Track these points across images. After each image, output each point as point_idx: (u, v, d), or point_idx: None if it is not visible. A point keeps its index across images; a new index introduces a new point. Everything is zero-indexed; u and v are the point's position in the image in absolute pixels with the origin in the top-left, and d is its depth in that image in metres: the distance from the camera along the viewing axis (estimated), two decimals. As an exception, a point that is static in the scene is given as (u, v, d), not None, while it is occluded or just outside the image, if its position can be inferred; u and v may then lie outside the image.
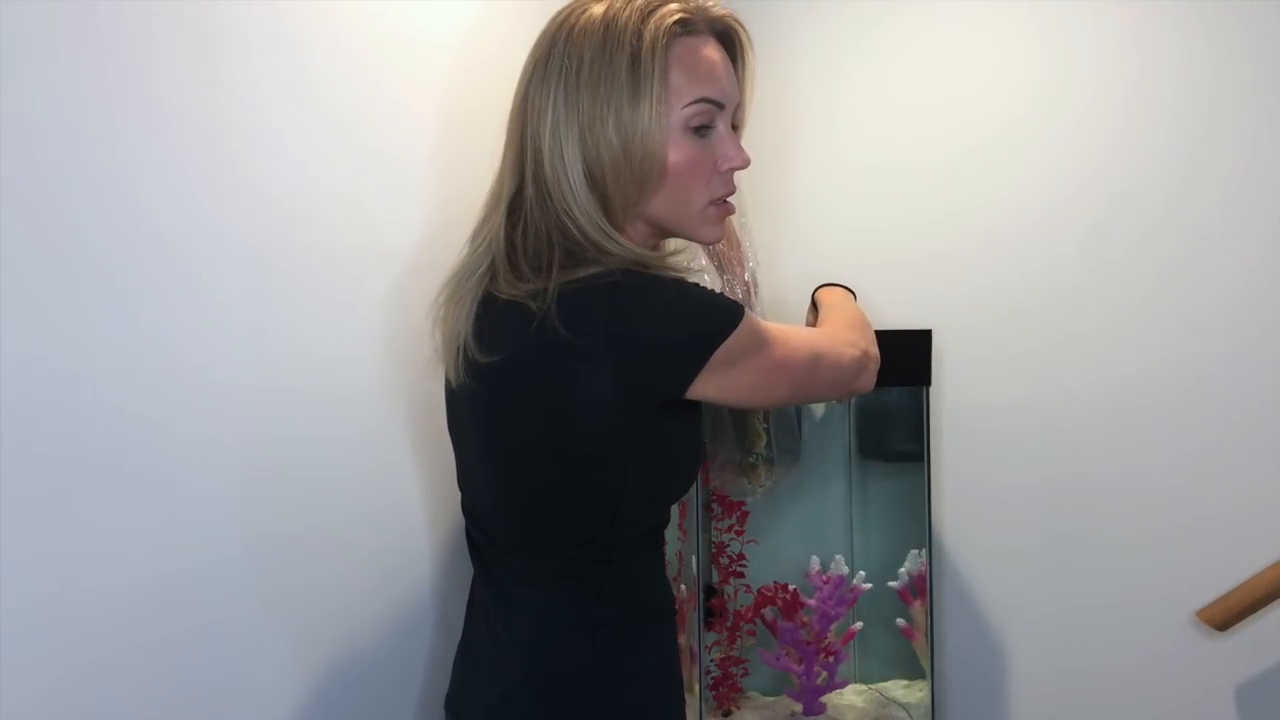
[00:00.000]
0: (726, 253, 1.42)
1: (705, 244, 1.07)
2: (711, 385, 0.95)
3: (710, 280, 1.39)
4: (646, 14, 0.96)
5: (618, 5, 0.97)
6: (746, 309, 0.97)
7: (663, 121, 0.95)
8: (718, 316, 0.95)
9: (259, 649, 1.03)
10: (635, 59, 0.94)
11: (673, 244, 1.10)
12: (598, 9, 0.97)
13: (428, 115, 1.27)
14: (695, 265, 1.23)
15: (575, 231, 0.95)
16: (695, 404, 1.01)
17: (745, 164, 1.02)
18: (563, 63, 0.96)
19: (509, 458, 1.00)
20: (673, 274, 0.97)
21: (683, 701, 1.11)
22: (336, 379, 1.13)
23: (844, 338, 1.14)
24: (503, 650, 1.03)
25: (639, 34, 0.95)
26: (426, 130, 1.27)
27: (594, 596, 1.02)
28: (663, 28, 0.95)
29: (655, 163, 0.96)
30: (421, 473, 1.26)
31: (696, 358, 0.94)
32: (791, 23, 1.69)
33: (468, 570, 1.12)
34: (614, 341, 0.91)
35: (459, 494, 1.11)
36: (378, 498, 1.21)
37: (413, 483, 1.25)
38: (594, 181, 0.95)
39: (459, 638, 1.12)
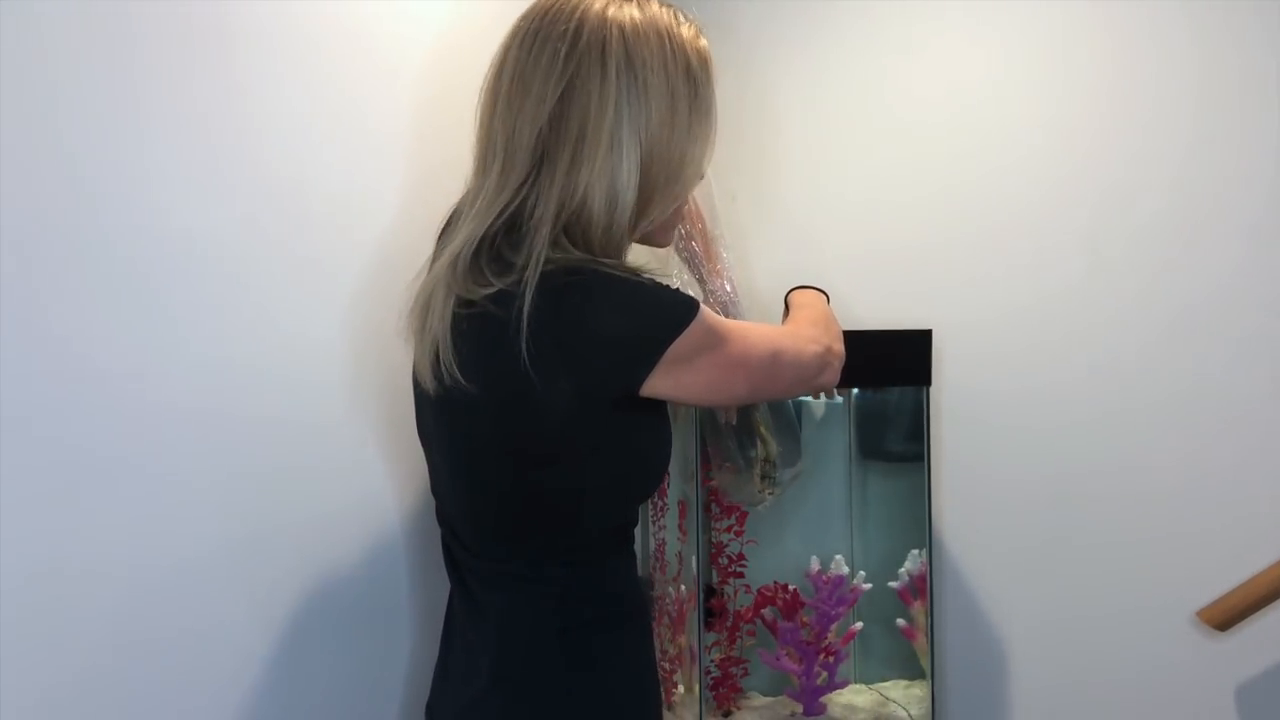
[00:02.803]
0: (706, 265, 1.42)
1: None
2: (667, 382, 0.95)
3: (694, 292, 1.40)
4: (696, 43, 1.00)
5: (668, 18, 0.99)
6: (703, 305, 0.97)
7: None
8: (671, 313, 0.95)
9: (238, 656, 1.03)
10: (699, 91, 1.00)
11: (657, 253, 1.11)
12: (637, 12, 0.97)
13: (411, 109, 1.28)
14: (672, 271, 1.25)
15: (585, 230, 0.95)
16: (659, 402, 1.00)
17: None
18: (620, 64, 0.95)
19: (471, 459, 1.00)
20: (628, 271, 0.96)
21: (659, 703, 1.10)
22: (320, 378, 1.13)
23: (806, 334, 1.14)
24: (474, 654, 1.03)
25: (702, 63, 1.01)
26: (409, 122, 1.27)
27: (561, 598, 1.02)
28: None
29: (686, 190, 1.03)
30: (401, 477, 1.26)
31: (649, 355, 0.94)
32: (784, 16, 1.69)
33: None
34: (567, 341, 0.91)
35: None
36: (360, 502, 1.20)
37: (391, 487, 1.25)
38: (640, 192, 0.97)
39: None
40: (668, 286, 0.97)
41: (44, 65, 0.82)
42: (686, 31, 0.99)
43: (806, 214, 1.70)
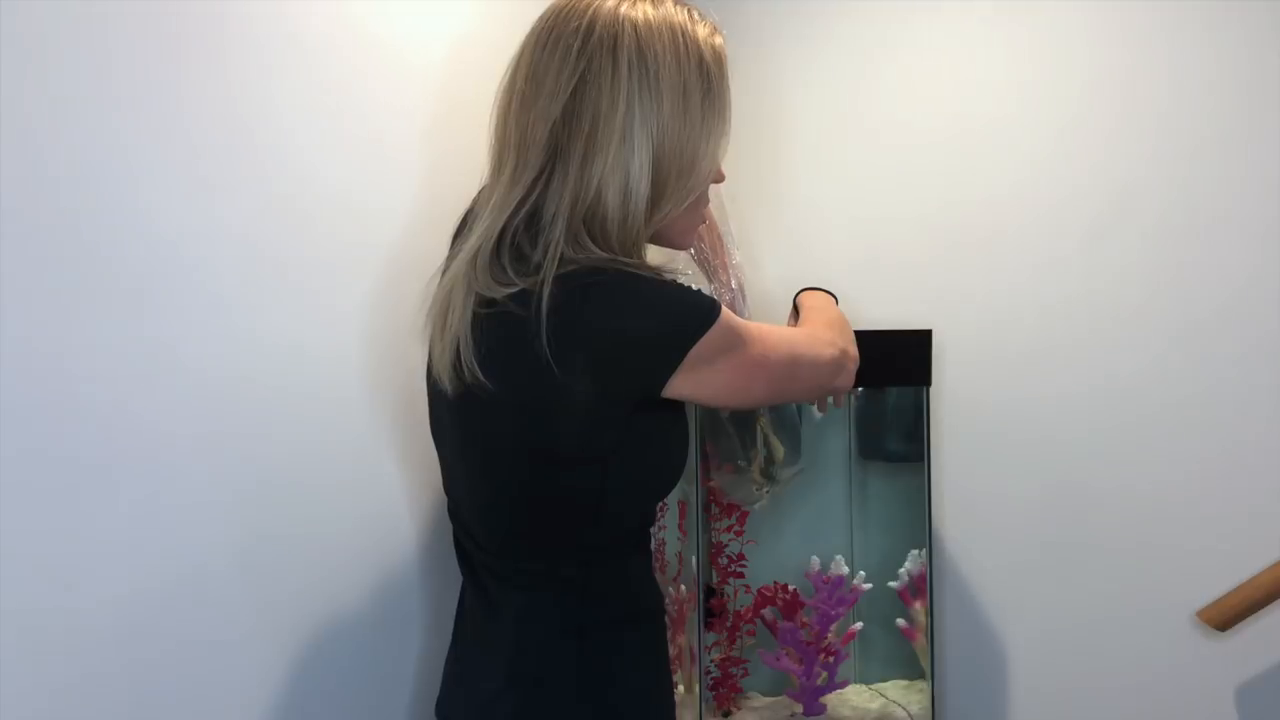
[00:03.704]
0: (713, 260, 1.42)
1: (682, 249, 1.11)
2: (688, 384, 0.96)
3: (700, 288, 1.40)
4: (711, 40, 1.00)
5: (682, 15, 0.99)
6: (724, 306, 0.97)
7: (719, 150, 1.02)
8: (693, 315, 0.95)
9: (248, 654, 1.03)
10: (712, 87, 1.00)
11: (666, 251, 1.11)
12: (650, 9, 0.98)
13: (422, 114, 1.28)
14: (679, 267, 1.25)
15: (602, 225, 0.95)
16: (677, 402, 1.01)
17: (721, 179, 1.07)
18: (632, 59, 0.95)
19: (488, 458, 1.00)
20: (650, 271, 0.97)
21: (672, 704, 1.10)
22: (328, 379, 1.13)
23: (822, 337, 1.14)
24: (489, 653, 1.03)
25: (716, 59, 1.00)
26: (420, 127, 1.27)
27: (579, 598, 1.02)
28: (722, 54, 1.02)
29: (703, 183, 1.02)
30: (412, 475, 1.26)
31: (671, 357, 0.94)
32: (785, 16, 1.69)
33: (459, 574, 1.11)
34: (590, 342, 0.91)
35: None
36: (370, 501, 1.20)
37: (402, 486, 1.25)
38: (653, 185, 0.97)
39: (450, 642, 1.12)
40: (689, 287, 0.97)
41: (40, 67, 0.82)
42: (701, 29, 1.00)
43: (807, 214, 1.70)
